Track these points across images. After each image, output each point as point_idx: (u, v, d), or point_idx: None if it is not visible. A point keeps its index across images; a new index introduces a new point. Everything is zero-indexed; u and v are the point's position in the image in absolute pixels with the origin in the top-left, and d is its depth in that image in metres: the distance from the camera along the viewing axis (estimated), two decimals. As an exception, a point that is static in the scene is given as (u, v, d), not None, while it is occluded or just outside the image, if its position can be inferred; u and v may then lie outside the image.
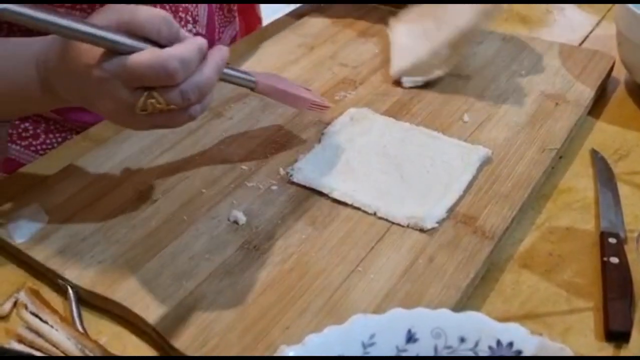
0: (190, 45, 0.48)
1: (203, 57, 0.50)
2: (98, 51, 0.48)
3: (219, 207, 0.59)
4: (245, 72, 0.61)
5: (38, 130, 0.77)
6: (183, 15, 0.80)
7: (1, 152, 0.75)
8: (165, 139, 0.68)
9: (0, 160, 0.76)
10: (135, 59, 0.47)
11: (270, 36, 0.86)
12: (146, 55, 0.47)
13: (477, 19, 0.70)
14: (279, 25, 0.90)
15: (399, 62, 0.75)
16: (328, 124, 0.69)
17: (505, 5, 0.98)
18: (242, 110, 0.72)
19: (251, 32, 0.95)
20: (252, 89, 0.62)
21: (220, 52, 0.52)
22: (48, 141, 0.78)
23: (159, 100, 0.48)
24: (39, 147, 0.78)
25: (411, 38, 0.76)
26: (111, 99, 0.49)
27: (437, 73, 0.74)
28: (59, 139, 0.78)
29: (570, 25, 0.93)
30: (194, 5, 0.82)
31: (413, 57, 0.74)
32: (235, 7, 0.92)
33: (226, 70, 0.55)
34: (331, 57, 0.81)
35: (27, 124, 0.77)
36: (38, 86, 0.55)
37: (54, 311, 0.50)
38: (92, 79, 0.49)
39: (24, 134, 0.77)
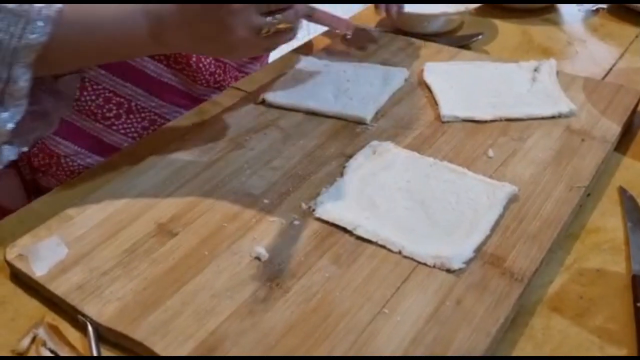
0: None
1: None
2: None
3: (240, 242, 0.58)
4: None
5: (120, 111, 0.81)
6: None
7: (69, 100, 0.77)
8: (184, 170, 0.67)
9: (66, 113, 0.78)
10: None
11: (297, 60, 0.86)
12: None
13: None
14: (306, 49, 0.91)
15: (451, 108, 0.75)
16: (350, 156, 0.68)
17: (525, 37, 0.98)
18: (263, 142, 0.72)
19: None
20: (310, 17, 0.86)
21: None
22: (129, 121, 0.82)
23: (280, 20, 0.62)
24: (120, 127, 0.82)
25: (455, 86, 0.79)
26: (245, 26, 0.60)
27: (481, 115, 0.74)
28: (139, 119, 0.83)
29: (592, 58, 0.92)
30: None
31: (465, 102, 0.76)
32: None
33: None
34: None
35: (111, 105, 0.80)
36: (144, 33, 0.62)
37: (73, 348, 0.49)
38: (230, 11, 0.59)
39: (107, 114, 0.81)
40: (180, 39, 0.63)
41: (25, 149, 0.63)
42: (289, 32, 0.64)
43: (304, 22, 0.95)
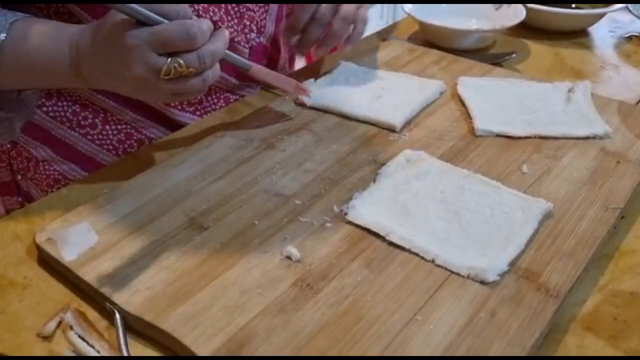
0: (203, 20, 0.58)
1: (211, 34, 0.59)
2: (128, 24, 0.56)
3: (271, 240, 0.57)
4: (242, 58, 0.70)
5: (96, 120, 0.79)
6: (247, 23, 0.81)
7: (30, 110, 0.78)
8: (216, 166, 0.67)
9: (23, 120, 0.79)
10: (163, 26, 0.56)
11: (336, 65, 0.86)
12: (172, 23, 0.56)
13: None
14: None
15: (486, 122, 0.74)
16: (382, 164, 0.67)
17: (557, 58, 0.98)
18: (295, 144, 0.71)
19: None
20: (247, 71, 0.70)
21: (224, 33, 0.61)
22: (104, 132, 0.80)
23: (180, 63, 0.57)
24: (95, 137, 0.80)
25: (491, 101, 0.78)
26: (141, 64, 0.56)
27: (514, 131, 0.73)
28: (115, 131, 0.80)
29: (626, 83, 0.91)
30: (262, 15, 0.83)
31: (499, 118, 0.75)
32: None
33: (227, 52, 0.63)
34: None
35: (87, 112, 0.79)
36: (68, 64, 0.62)
37: (101, 335, 0.49)
38: (125, 47, 0.56)
39: (82, 122, 0.79)
40: (94, 72, 0.61)
41: None
42: (197, 79, 0.59)
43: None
